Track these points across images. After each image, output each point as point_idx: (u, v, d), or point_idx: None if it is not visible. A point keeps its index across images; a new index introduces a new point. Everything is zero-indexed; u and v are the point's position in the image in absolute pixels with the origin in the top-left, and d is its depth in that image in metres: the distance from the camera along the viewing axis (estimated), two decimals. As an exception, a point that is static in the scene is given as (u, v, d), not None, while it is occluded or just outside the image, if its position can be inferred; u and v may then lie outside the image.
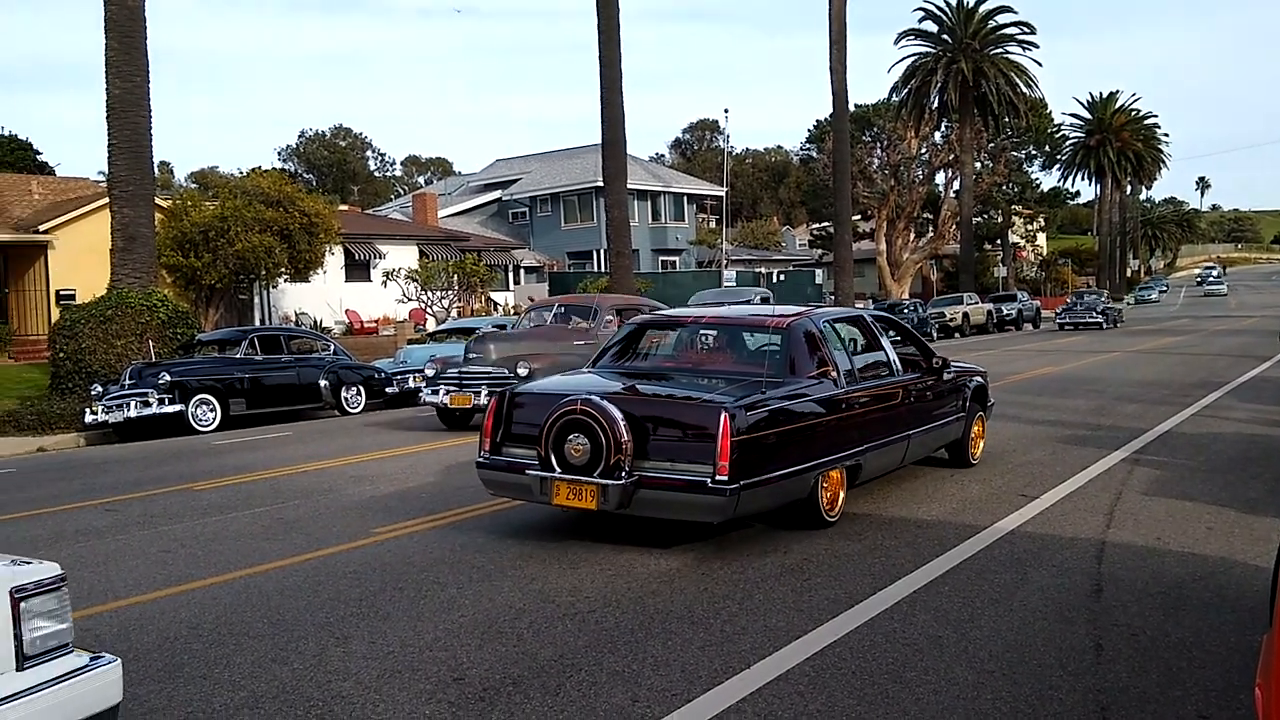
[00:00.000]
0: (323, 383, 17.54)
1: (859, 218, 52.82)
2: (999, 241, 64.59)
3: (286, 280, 29.55)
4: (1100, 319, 39.88)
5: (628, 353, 8.35)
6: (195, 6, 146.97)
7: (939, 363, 8.97)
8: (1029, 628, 5.10)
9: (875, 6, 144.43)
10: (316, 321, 33.40)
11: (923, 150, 53.69)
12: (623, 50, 27.37)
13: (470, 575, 6.26)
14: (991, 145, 55.30)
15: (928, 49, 53.54)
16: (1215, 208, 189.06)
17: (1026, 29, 53.53)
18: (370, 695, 4.42)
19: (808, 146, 74.08)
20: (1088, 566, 6.17)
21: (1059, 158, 76.01)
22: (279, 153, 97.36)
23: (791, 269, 57.03)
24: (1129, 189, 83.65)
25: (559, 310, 16.14)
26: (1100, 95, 76.60)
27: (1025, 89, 53.33)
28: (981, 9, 52.98)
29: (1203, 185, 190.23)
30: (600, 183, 33.31)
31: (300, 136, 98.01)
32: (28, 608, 3.09)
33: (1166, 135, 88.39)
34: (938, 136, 55.84)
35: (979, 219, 57.75)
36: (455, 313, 31.30)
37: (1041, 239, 76.95)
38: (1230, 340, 29.38)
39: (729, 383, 7.08)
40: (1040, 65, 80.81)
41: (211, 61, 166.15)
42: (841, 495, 7.32)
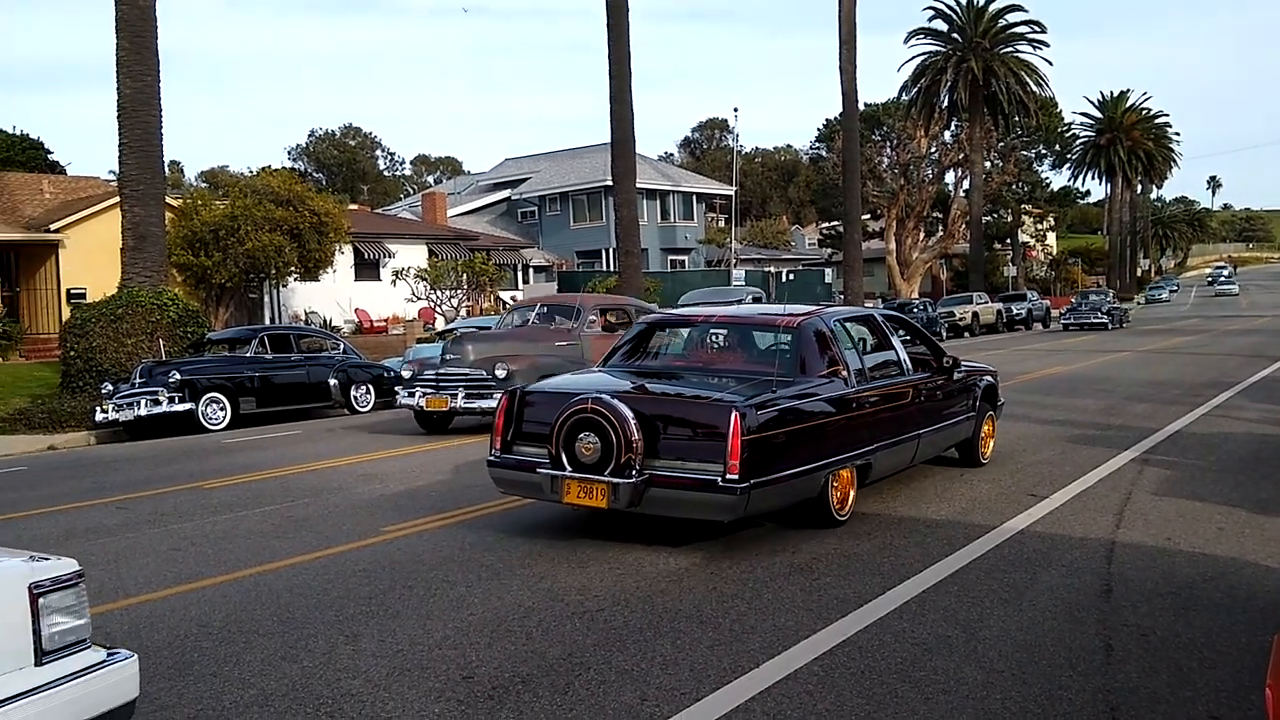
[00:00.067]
0: (332, 382, 17.57)
1: (869, 217, 52.75)
2: (1009, 241, 64.39)
3: (296, 279, 29.66)
4: (1105, 319, 39.57)
5: (638, 352, 8.35)
6: (207, 6, 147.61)
7: (949, 362, 8.94)
8: (1038, 628, 5.09)
9: (884, 6, 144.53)
10: (326, 320, 33.49)
11: (932, 149, 53.52)
12: (632, 49, 27.31)
13: (480, 574, 6.27)
14: (1001, 144, 55.14)
15: (938, 48, 53.53)
16: (1226, 207, 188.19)
17: (1037, 28, 53.54)
18: (380, 693, 4.43)
19: (817, 145, 74.17)
20: (1097, 566, 6.16)
21: (1069, 157, 75.97)
22: (289, 152, 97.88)
23: (801, 268, 56.89)
24: (1139, 188, 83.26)
25: (541, 310, 15.63)
26: (1111, 94, 76.42)
27: (1035, 88, 53.32)
28: (992, 8, 52.93)
29: (1214, 184, 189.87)
30: (609, 182, 33.24)
31: (310, 136, 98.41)
32: (46, 603, 3.10)
33: (1177, 134, 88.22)
34: (947, 135, 55.73)
35: (989, 218, 57.58)
36: (465, 312, 31.35)
37: (1051, 238, 76.58)
38: (1241, 340, 29.25)
39: (739, 382, 7.09)
40: (1050, 64, 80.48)
41: (222, 61, 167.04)
42: (852, 494, 7.32)
